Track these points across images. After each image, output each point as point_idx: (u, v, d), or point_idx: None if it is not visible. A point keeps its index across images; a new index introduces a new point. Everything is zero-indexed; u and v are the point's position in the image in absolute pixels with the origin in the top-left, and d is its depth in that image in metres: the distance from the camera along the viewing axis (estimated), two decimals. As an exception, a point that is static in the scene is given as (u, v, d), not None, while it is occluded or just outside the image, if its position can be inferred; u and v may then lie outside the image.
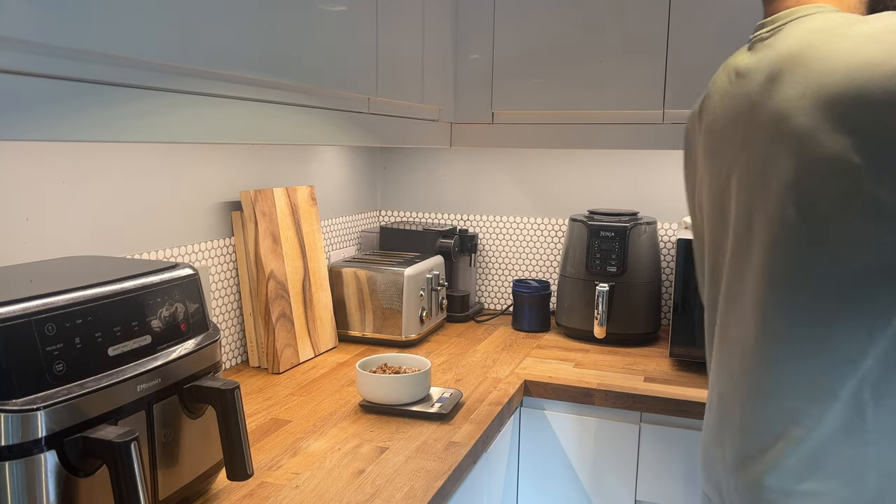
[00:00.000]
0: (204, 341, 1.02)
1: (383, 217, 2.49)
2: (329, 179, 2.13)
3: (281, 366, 1.67)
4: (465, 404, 1.49)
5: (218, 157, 1.65)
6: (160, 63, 0.96)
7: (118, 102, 0.91)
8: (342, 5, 1.41)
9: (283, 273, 1.72)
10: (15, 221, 1.18)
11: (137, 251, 1.43)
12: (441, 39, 1.89)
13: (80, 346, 0.83)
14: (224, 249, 1.67)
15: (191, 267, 1.04)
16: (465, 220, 2.39)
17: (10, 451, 0.75)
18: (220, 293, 1.66)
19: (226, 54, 1.09)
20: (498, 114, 1.98)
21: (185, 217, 1.55)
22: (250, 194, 1.66)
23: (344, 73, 1.43)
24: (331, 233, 2.13)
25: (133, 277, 0.94)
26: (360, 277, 1.92)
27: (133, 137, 0.94)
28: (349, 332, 1.94)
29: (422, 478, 1.17)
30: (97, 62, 0.87)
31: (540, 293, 2.09)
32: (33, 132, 0.81)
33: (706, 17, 1.75)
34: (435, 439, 1.32)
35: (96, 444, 0.81)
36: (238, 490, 1.11)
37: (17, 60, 0.78)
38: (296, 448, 1.27)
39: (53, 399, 0.78)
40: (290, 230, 1.78)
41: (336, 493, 1.11)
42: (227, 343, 1.70)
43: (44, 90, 0.81)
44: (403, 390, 1.42)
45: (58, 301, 0.82)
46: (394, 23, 1.63)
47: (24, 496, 0.76)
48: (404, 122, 1.74)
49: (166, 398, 0.95)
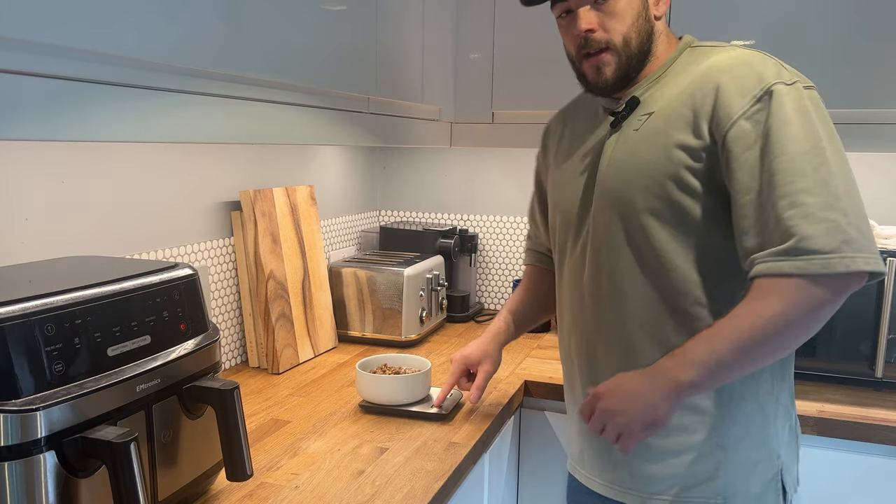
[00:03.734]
0: (203, 341, 1.02)
1: (383, 217, 2.49)
2: (329, 179, 2.13)
3: (280, 366, 1.67)
4: (465, 404, 1.48)
5: (218, 157, 1.65)
6: (160, 63, 0.96)
7: (118, 102, 0.91)
8: (342, 5, 1.41)
9: (282, 273, 1.72)
10: (15, 221, 1.18)
11: (137, 251, 1.43)
12: (441, 39, 1.89)
13: (80, 346, 0.83)
14: (223, 249, 1.67)
15: (190, 267, 1.04)
16: (465, 220, 2.39)
17: (10, 452, 0.75)
18: (220, 293, 1.66)
19: (226, 54, 1.09)
20: (498, 114, 1.97)
21: (185, 217, 1.55)
22: (250, 194, 1.65)
23: (344, 72, 1.42)
24: (331, 233, 2.13)
25: (133, 277, 0.94)
26: (360, 277, 1.92)
27: (133, 137, 0.94)
28: (349, 332, 1.93)
29: (422, 478, 1.16)
30: (97, 62, 0.87)
31: (540, 293, 2.08)
32: (33, 132, 0.81)
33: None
34: (435, 440, 1.31)
35: (96, 444, 0.80)
36: (237, 490, 1.11)
37: (16, 60, 0.78)
38: (295, 448, 1.27)
39: (53, 399, 0.78)
40: (290, 230, 1.78)
41: (336, 493, 1.11)
42: (227, 343, 1.70)
43: (43, 90, 0.81)
44: (403, 391, 1.42)
45: (57, 301, 0.82)
46: (394, 22, 1.63)
47: (23, 496, 0.76)
48: (404, 121, 1.74)
49: (166, 398, 0.94)
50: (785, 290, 0.97)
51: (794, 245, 0.96)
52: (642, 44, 1.13)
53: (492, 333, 1.43)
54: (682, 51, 1.16)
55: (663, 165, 1.09)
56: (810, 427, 1.49)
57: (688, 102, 1.08)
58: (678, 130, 1.08)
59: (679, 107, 1.09)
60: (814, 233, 0.95)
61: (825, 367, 1.63)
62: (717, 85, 1.06)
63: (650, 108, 1.13)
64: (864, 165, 1.97)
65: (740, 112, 1.02)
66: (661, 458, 1.15)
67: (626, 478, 1.19)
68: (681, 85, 1.11)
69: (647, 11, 1.13)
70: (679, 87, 1.11)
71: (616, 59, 1.12)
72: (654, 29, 1.14)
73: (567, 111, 1.36)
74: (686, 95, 1.09)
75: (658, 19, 1.15)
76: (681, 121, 1.08)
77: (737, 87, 1.04)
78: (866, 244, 0.97)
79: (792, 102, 1.01)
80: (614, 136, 1.16)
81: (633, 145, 1.13)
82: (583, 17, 1.11)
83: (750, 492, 1.13)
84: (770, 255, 0.98)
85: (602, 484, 1.23)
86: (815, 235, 0.95)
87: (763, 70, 1.04)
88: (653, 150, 1.10)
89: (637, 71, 1.15)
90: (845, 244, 0.95)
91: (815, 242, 0.95)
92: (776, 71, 1.05)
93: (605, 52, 1.12)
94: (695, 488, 1.14)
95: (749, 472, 1.13)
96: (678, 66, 1.15)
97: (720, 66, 1.08)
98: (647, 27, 1.13)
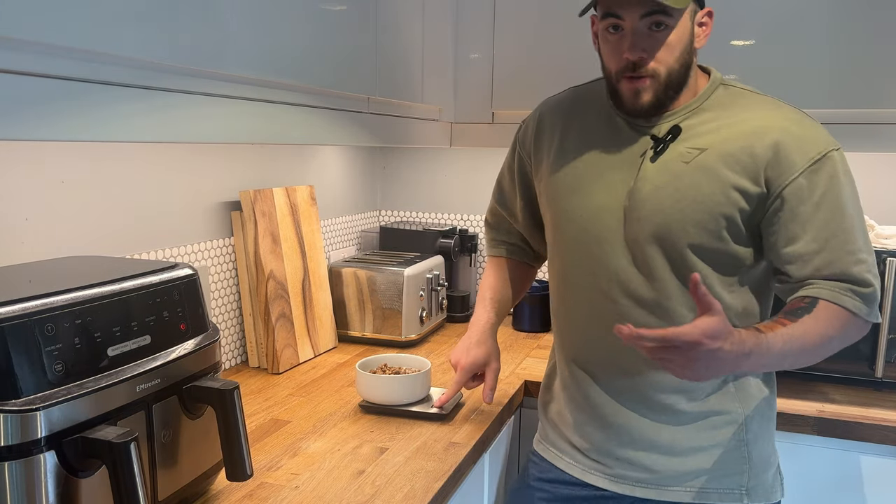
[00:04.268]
0: (203, 341, 1.02)
1: (383, 217, 2.49)
2: (329, 179, 2.13)
3: (280, 366, 1.67)
4: (465, 404, 1.48)
5: (218, 157, 1.65)
6: (160, 63, 0.96)
7: (118, 102, 0.91)
8: (342, 5, 1.41)
9: (282, 273, 1.72)
10: (14, 221, 1.18)
11: (137, 251, 1.43)
12: (441, 39, 1.89)
13: (80, 346, 0.83)
14: (223, 249, 1.67)
15: (190, 267, 1.04)
16: (465, 220, 2.39)
17: (10, 452, 0.75)
18: (220, 293, 1.66)
19: (226, 54, 1.09)
20: (498, 114, 1.97)
21: (185, 217, 1.55)
22: (250, 194, 1.65)
23: (344, 72, 1.42)
24: (331, 233, 2.13)
25: (133, 277, 0.94)
26: (360, 277, 1.92)
27: (133, 137, 0.94)
28: (349, 332, 1.94)
29: (422, 478, 1.16)
30: (97, 62, 0.87)
31: (540, 293, 2.08)
32: (33, 132, 0.81)
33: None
34: (435, 440, 1.31)
35: (96, 444, 0.80)
36: (237, 490, 1.11)
37: (16, 60, 0.77)
38: (295, 448, 1.27)
39: (53, 399, 0.78)
40: (290, 230, 1.78)
41: (336, 493, 1.11)
42: (227, 343, 1.70)
43: (44, 90, 0.81)
44: (403, 391, 1.42)
45: (57, 301, 0.82)
46: (394, 23, 1.63)
47: (23, 496, 0.76)
48: (404, 121, 1.74)
49: (166, 398, 0.94)
50: (843, 320, 1.10)
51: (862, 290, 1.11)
52: (682, 75, 1.16)
53: (485, 327, 1.41)
54: (715, 86, 1.21)
55: (721, 203, 1.14)
56: (810, 427, 1.49)
57: (747, 150, 1.13)
58: (736, 174, 1.13)
59: (737, 151, 1.14)
60: (875, 287, 1.12)
61: (825, 367, 1.63)
62: (776, 140, 1.13)
63: (699, 143, 1.16)
64: (864, 165, 1.97)
65: (801, 170, 1.11)
66: (688, 453, 1.21)
67: (643, 471, 1.23)
68: (733, 129, 1.15)
69: (691, 44, 1.15)
70: (731, 131, 1.15)
71: (656, 86, 1.14)
72: (693, 61, 1.18)
73: (564, 106, 1.33)
74: (744, 142, 1.14)
75: (695, 53, 1.18)
76: (738, 165, 1.14)
77: (797, 147, 1.12)
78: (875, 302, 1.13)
79: (842, 166, 1.13)
80: (658, 162, 1.18)
81: (687, 178, 1.15)
82: (636, 44, 1.12)
83: (766, 483, 1.23)
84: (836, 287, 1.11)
85: (607, 478, 1.25)
86: (875, 290, 1.12)
87: (818, 135, 1.14)
88: (711, 185, 1.14)
89: (672, 100, 1.18)
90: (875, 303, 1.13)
91: (873, 295, 1.12)
92: (827, 138, 1.15)
93: (646, 78, 1.14)
94: (721, 479, 1.22)
95: (765, 465, 1.23)
96: (714, 101, 1.20)
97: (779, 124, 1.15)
98: (689, 59, 1.16)
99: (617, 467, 1.24)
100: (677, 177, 1.16)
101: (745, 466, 1.21)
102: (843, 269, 1.11)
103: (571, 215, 1.26)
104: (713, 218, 1.14)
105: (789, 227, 1.13)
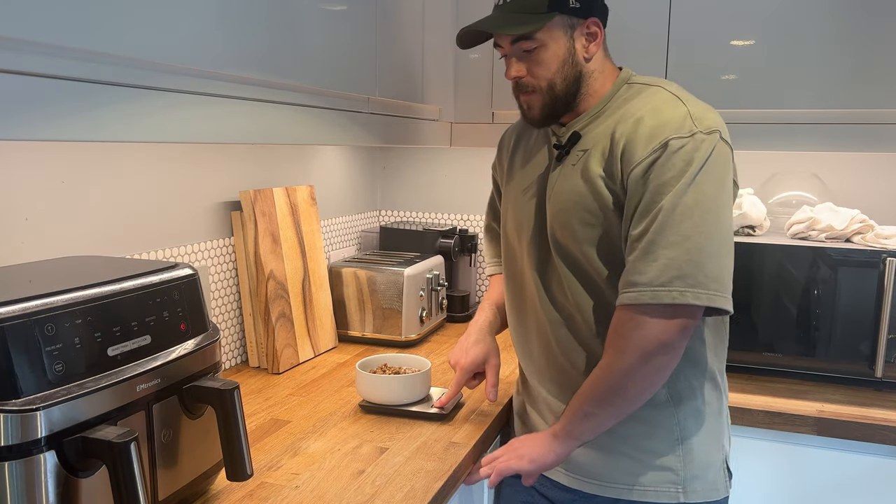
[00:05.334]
0: (203, 341, 1.02)
1: (383, 217, 2.49)
2: (329, 179, 2.13)
3: (280, 366, 1.67)
4: (465, 404, 1.49)
5: (217, 157, 1.65)
6: (160, 63, 0.96)
7: (119, 102, 0.91)
8: (342, 5, 1.41)
9: (282, 273, 1.72)
10: (14, 221, 1.18)
11: (137, 251, 1.43)
12: (441, 39, 1.89)
13: (80, 346, 0.83)
14: (224, 249, 1.67)
15: (190, 267, 1.04)
16: (465, 220, 2.39)
17: (10, 452, 0.75)
18: (220, 293, 1.66)
19: (226, 54, 1.09)
20: (498, 114, 1.97)
21: (185, 217, 1.55)
22: (250, 194, 1.65)
23: (344, 72, 1.43)
24: (331, 233, 2.13)
25: (132, 277, 0.94)
26: (360, 277, 1.92)
27: (134, 137, 0.94)
28: (349, 332, 1.94)
29: (422, 478, 1.17)
30: (98, 62, 0.87)
31: (540, 293, 2.08)
32: (33, 132, 0.81)
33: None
34: (435, 439, 1.31)
35: (96, 444, 0.81)
36: (238, 490, 1.11)
37: (17, 60, 0.78)
38: (295, 448, 1.27)
39: (53, 399, 0.78)
40: (290, 230, 1.78)
41: (336, 493, 1.11)
42: (227, 343, 1.70)
43: (44, 90, 0.81)
44: (403, 391, 1.42)
45: (57, 301, 0.82)
46: (394, 23, 1.63)
47: (23, 496, 0.76)
48: (404, 121, 1.74)
49: (166, 398, 0.95)
50: (622, 321, 1.12)
51: (627, 279, 1.10)
52: (569, 87, 1.21)
53: (483, 325, 1.44)
54: (619, 86, 1.24)
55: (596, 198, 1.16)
56: (810, 427, 1.50)
57: (612, 142, 1.16)
58: (602, 167, 1.17)
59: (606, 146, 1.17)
60: (645, 269, 1.07)
61: (825, 367, 1.63)
62: (627, 131, 1.13)
63: (586, 145, 1.21)
64: (864, 165, 1.97)
65: (640, 160, 1.10)
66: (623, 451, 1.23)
67: (590, 468, 1.26)
68: (613, 126, 1.18)
69: (573, 58, 1.20)
70: (612, 127, 1.18)
71: (541, 100, 1.22)
72: (584, 71, 1.21)
73: (518, 126, 1.41)
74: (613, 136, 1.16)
75: (588, 61, 1.21)
76: (604, 159, 1.17)
77: (643, 136, 1.11)
78: (705, 282, 1.05)
79: (683, 155, 1.08)
80: (558, 169, 1.24)
81: (570, 182, 1.20)
82: (512, 67, 1.22)
83: (706, 480, 1.23)
84: (621, 288, 1.12)
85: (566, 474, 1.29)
86: (646, 272, 1.07)
87: (668, 121, 1.11)
88: (586, 184, 1.18)
89: (566, 109, 1.23)
90: (677, 279, 1.05)
91: (645, 277, 1.07)
92: (678, 125, 1.10)
93: (532, 94, 1.22)
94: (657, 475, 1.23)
95: (704, 462, 1.23)
96: (616, 101, 1.22)
97: (638, 114, 1.15)
98: (574, 71, 1.21)
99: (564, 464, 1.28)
100: (568, 181, 1.21)
101: (680, 464, 1.22)
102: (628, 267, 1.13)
103: (506, 233, 1.35)
104: (593, 214, 1.17)
105: (626, 220, 1.14)
